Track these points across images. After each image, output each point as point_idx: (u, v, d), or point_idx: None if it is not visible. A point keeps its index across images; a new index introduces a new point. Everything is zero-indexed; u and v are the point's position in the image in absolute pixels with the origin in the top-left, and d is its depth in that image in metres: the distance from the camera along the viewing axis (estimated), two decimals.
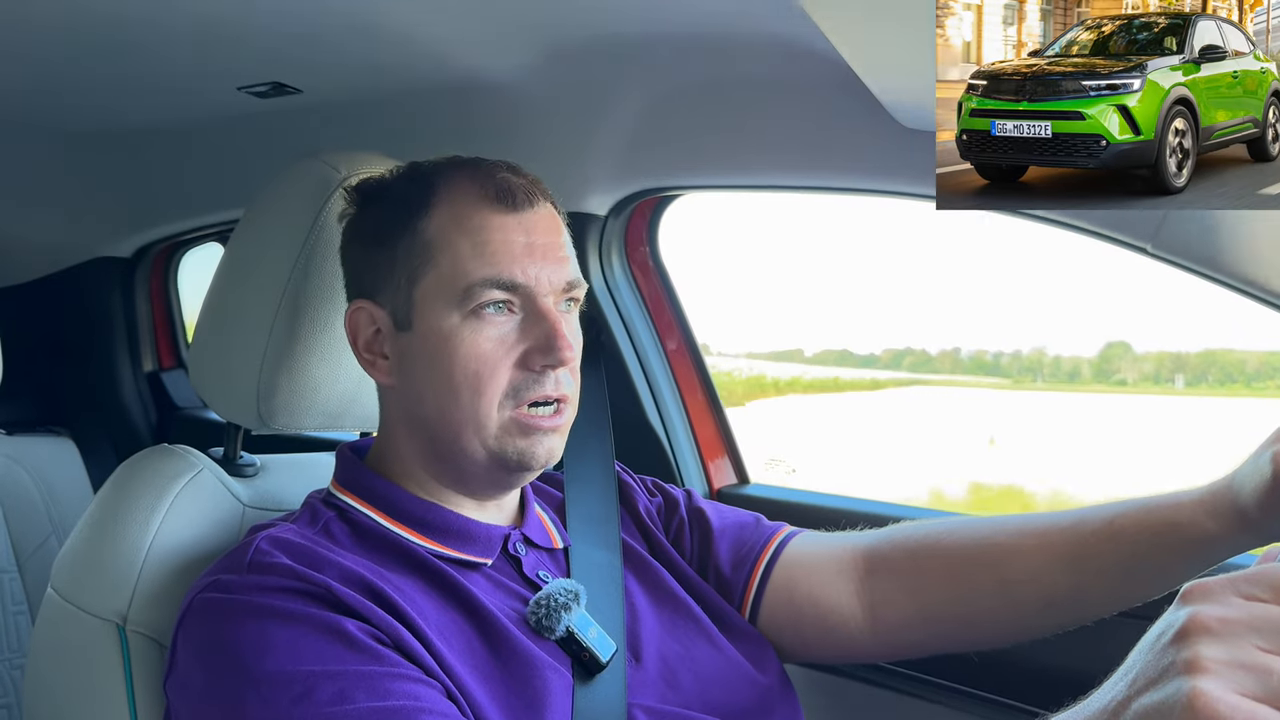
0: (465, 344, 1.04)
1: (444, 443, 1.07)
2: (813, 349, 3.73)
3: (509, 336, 1.05)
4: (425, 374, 1.06)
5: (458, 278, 1.04)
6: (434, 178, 1.08)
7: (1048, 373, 3.28)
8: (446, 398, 1.05)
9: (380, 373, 1.10)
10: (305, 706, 0.88)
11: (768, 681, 1.15)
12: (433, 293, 1.05)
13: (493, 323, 1.04)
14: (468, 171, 1.08)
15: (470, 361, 1.04)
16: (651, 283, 1.79)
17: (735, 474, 1.80)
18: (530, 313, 1.05)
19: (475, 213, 1.06)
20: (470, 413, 1.04)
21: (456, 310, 1.04)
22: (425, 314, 1.05)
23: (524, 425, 1.05)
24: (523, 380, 1.04)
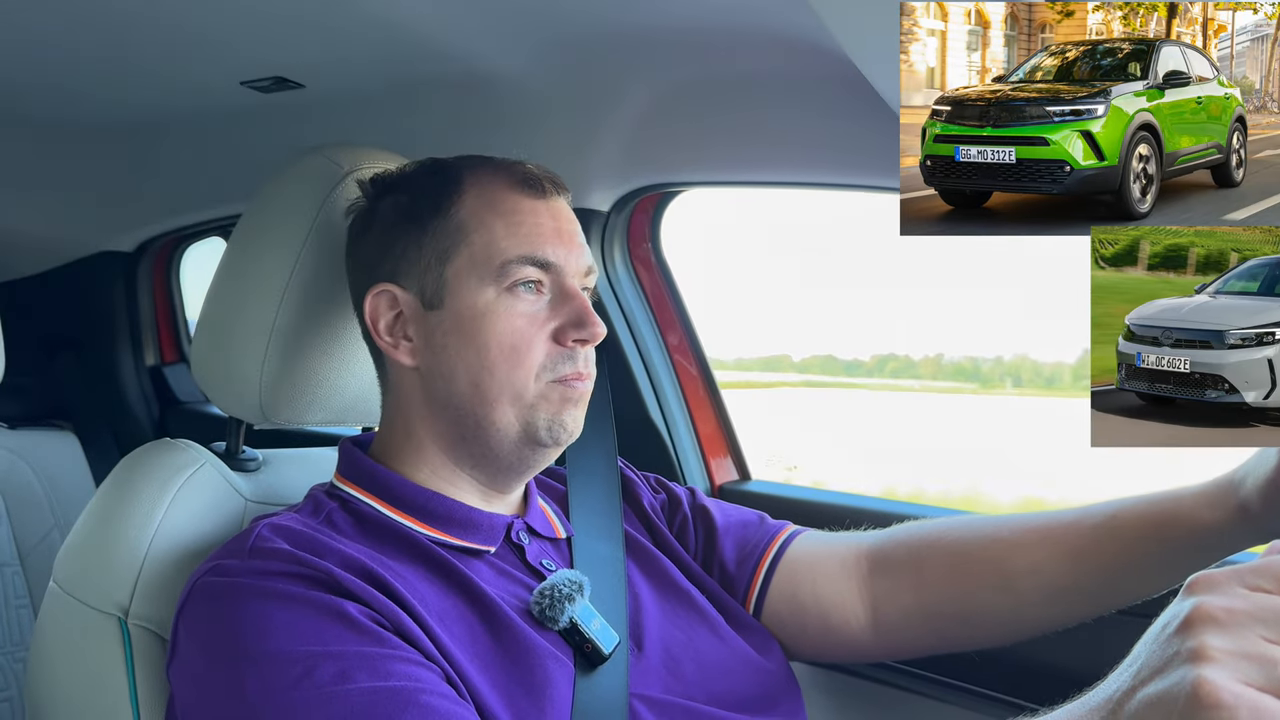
0: (501, 318, 1.07)
1: (473, 420, 1.08)
2: (800, 354, 3.74)
3: (541, 314, 1.08)
4: (458, 350, 1.08)
5: (493, 255, 1.07)
6: (459, 167, 1.12)
7: (1027, 378, 3.29)
8: (482, 372, 1.07)
9: (403, 354, 1.11)
10: (306, 686, 0.89)
11: (771, 672, 1.15)
12: (466, 270, 1.08)
13: (525, 299, 1.08)
14: (491, 162, 1.13)
15: (507, 335, 1.07)
16: (654, 278, 1.79)
17: (737, 470, 1.80)
18: (559, 292, 1.09)
19: (507, 196, 1.10)
20: (507, 384, 1.07)
21: (492, 286, 1.07)
22: (458, 291, 1.08)
23: (563, 394, 1.08)
24: (557, 354, 1.08)
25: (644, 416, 1.74)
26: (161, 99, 1.80)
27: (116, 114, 1.89)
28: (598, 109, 1.58)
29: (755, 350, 3.67)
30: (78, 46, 1.52)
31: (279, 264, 1.17)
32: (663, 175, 1.64)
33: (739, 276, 3.26)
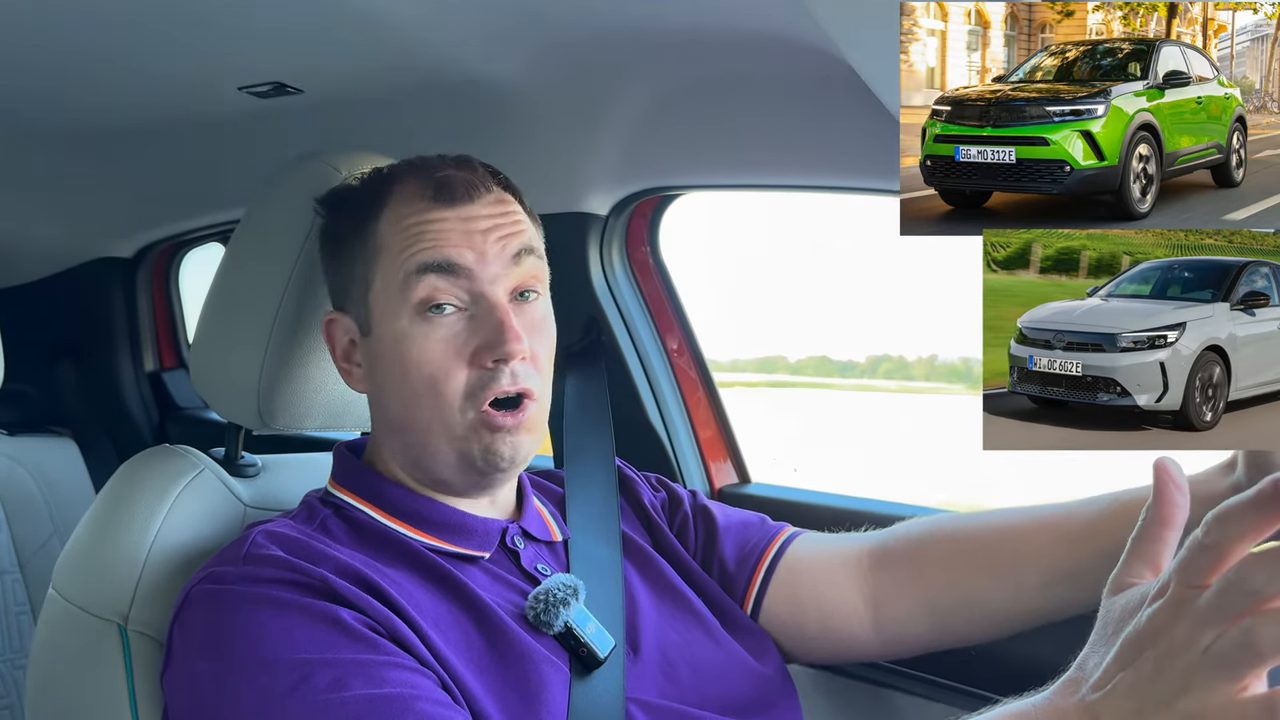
0: (416, 347, 1.03)
1: (416, 446, 1.07)
2: (795, 356, 3.74)
3: (459, 336, 1.03)
4: (388, 380, 1.06)
5: (396, 271, 1.03)
6: (387, 182, 1.08)
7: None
8: (409, 402, 1.05)
9: (356, 381, 1.11)
10: (301, 694, 0.89)
11: (767, 676, 1.15)
12: (382, 296, 1.05)
13: (441, 324, 1.03)
14: (415, 172, 1.08)
15: (424, 365, 1.03)
16: (652, 282, 1.79)
17: (736, 474, 1.80)
18: (478, 308, 1.04)
19: (415, 211, 1.05)
20: (434, 415, 1.04)
21: (404, 310, 1.03)
22: (380, 319, 1.06)
23: (487, 423, 1.03)
24: (478, 379, 1.03)
25: (643, 420, 1.73)
26: (160, 104, 1.80)
27: (115, 119, 1.89)
28: (596, 113, 1.58)
29: (750, 351, 3.67)
30: (76, 52, 1.52)
31: (277, 269, 1.17)
32: (661, 179, 1.64)
33: (735, 277, 3.26)
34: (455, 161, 1.09)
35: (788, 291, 3.35)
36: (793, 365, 3.75)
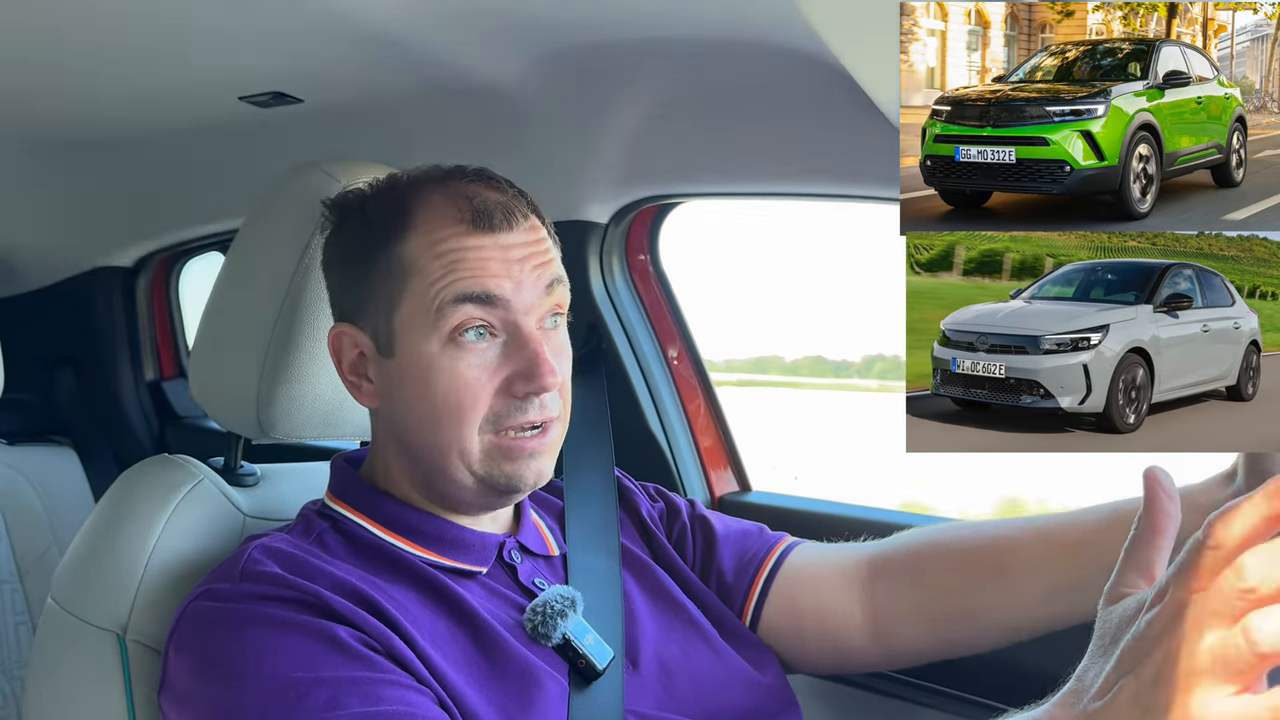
0: (445, 373, 1.02)
1: (431, 468, 1.06)
2: (791, 355, 3.73)
3: (491, 363, 1.02)
4: (410, 401, 1.05)
5: (431, 299, 1.01)
6: (410, 198, 1.06)
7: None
8: (429, 426, 1.03)
9: (366, 396, 1.09)
10: (298, 713, 0.88)
11: (767, 687, 1.14)
12: (410, 319, 1.03)
13: (473, 350, 1.02)
14: (444, 190, 1.05)
15: (452, 392, 1.02)
16: (652, 290, 1.79)
17: (737, 482, 1.79)
18: (512, 337, 1.03)
19: (450, 236, 1.03)
20: (453, 440, 1.03)
21: (435, 336, 1.02)
22: (405, 341, 1.04)
23: (507, 450, 1.03)
24: (504, 407, 1.03)
25: (644, 428, 1.73)
26: (160, 114, 1.80)
27: (115, 129, 1.89)
28: (595, 121, 1.58)
29: (746, 351, 3.67)
30: (77, 61, 1.52)
31: (276, 279, 1.17)
32: (661, 187, 1.64)
33: (730, 275, 3.25)
34: (483, 179, 1.07)
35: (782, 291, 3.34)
36: (788, 365, 3.74)
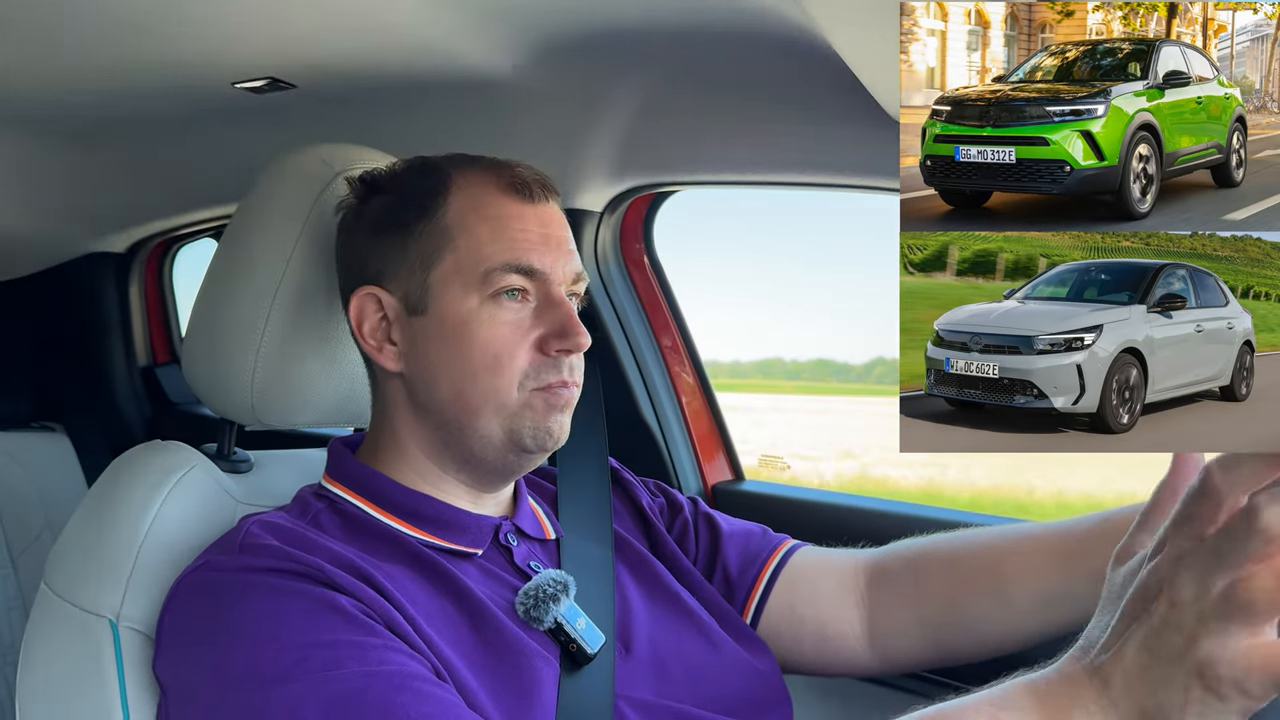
0: (484, 327, 1.05)
1: (457, 426, 1.07)
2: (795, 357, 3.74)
3: (524, 322, 1.06)
4: (441, 357, 1.07)
5: (477, 261, 1.06)
6: (448, 168, 1.10)
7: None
8: (464, 380, 1.06)
9: (387, 359, 1.10)
10: (299, 673, 0.89)
11: (762, 677, 1.15)
12: (450, 277, 1.06)
13: (509, 308, 1.06)
14: (481, 163, 1.11)
15: (490, 344, 1.05)
16: (647, 279, 1.79)
17: (730, 471, 1.80)
18: (544, 300, 1.07)
19: (494, 200, 1.08)
20: (490, 393, 1.05)
21: (475, 294, 1.06)
22: (442, 298, 1.06)
23: (548, 400, 1.06)
24: (541, 364, 1.06)
25: (637, 417, 1.73)
26: (153, 100, 1.80)
27: (108, 115, 1.89)
28: (590, 108, 1.57)
29: (750, 354, 3.67)
30: (69, 46, 1.52)
31: (270, 265, 1.17)
32: (655, 175, 1.64)
33: (734, 278, 3.26)
34: (517, 162, 1.12)
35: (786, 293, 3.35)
36: (790, 367, 3.75)
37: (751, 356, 3.66)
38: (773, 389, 3.60)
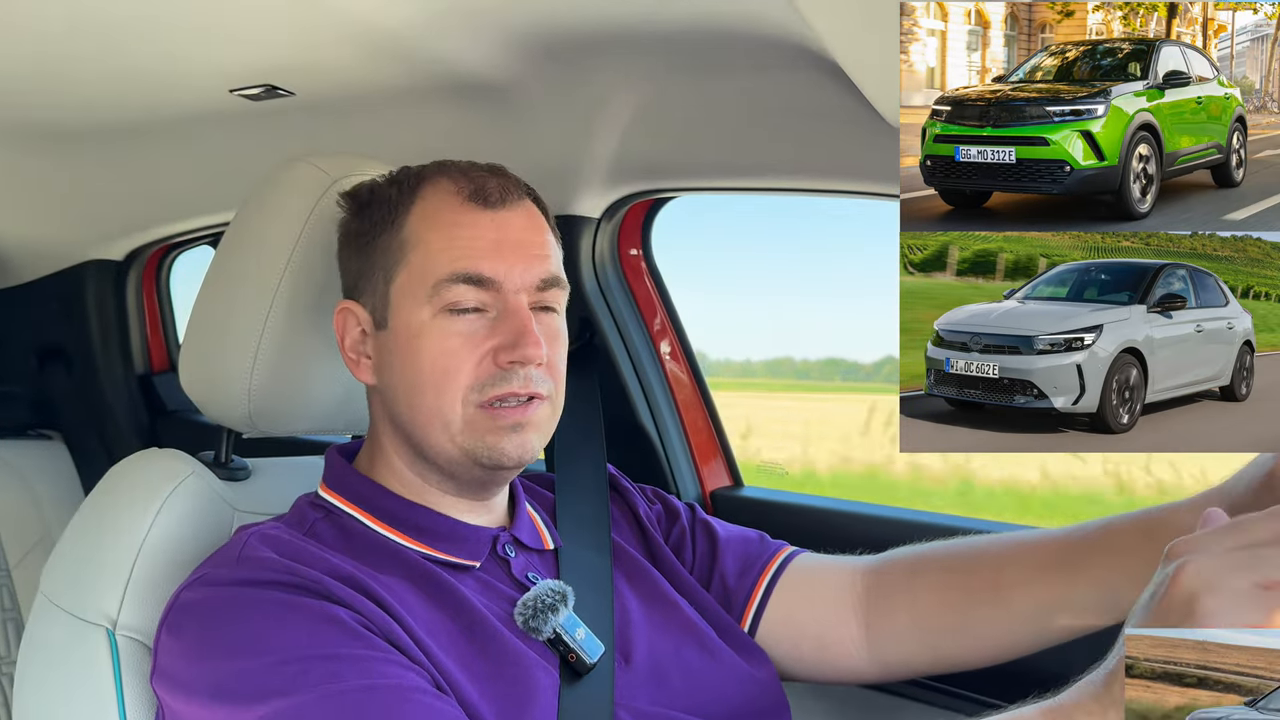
0: (433, 340, 1.04)
1: (418, 441, 1.07)
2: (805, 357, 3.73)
3: (478, 334, 1.04)
4: (399, 371, 1.06)
5: (427, 274, 1.04)
6: (418, 180, 1.09)
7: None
8: (415, 394, 1.05)
9: (364, 372, 1.11)
10: (300, 686, 0.89)
11: (760, 685, 1.15)
12: (405, 290, 1.05)
13: (462, 320, 1.04)
14: (449, 173, 1.09)
15: (438, 358, 1.04)
16: (644, 285, 1.79)
17: (729, 476, 1.79)
18: (501, 311, 1.05)
19: (449, 209, 1.06)
20: (435, 409, 1.04)
21: (427, 306, 1.04)
22: (399, 311, 1.06)
23: (489, 419, 1.04)
24: (489, 377, 1.04)
25: (635, 424, 1.73)
26: (151, 107, 1.80)
27: (105, 121, 1.88)
28: (587, 115, 1.57)
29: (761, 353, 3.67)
30: (67, 53, 1.52)
31: (267, 272, 1.17)
32: (652, 182, 1.64)
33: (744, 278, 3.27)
34: (493, 170, 1.11)
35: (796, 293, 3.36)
36: (799, 367, 3.76)
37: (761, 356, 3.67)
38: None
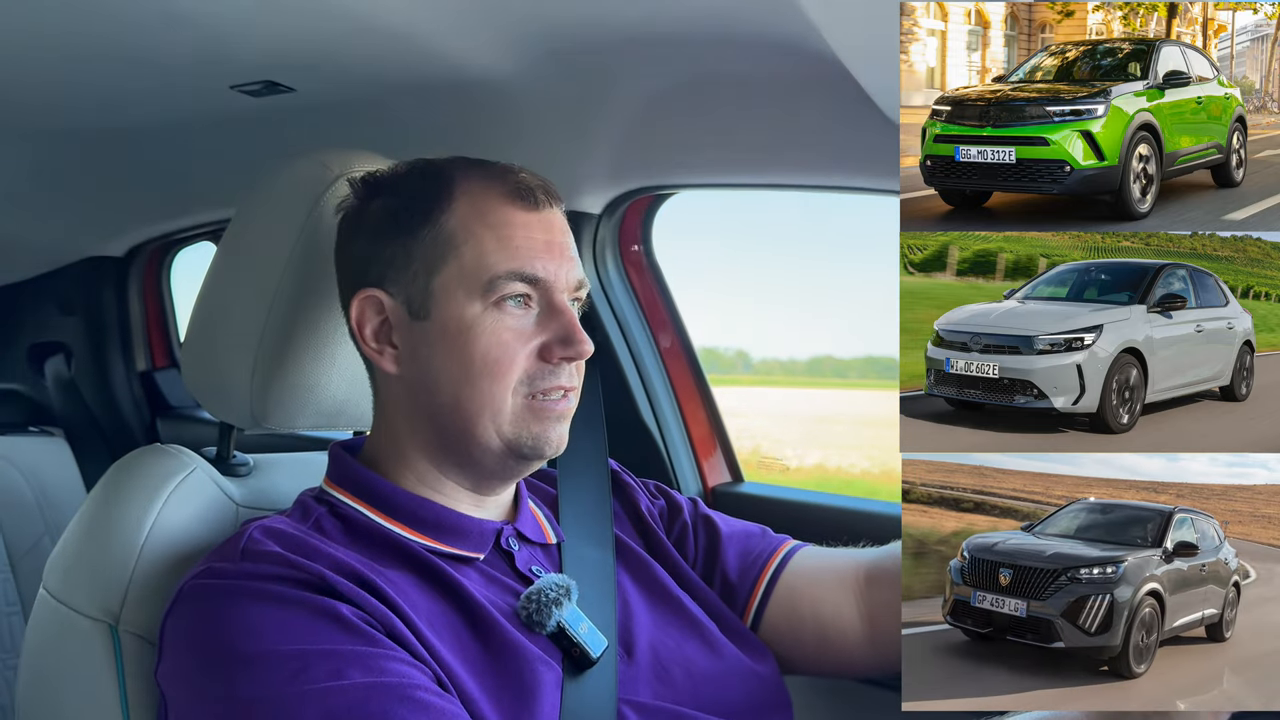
0: (486, 333, 1.05)
1: (455, 432, 1.07)
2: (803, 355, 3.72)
3: (527, 328, 1.07)
4: (442, 362, 1.06)
5: (482, 269, 1.05)
6: (450, 172, 1.10)
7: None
8: (463, 385, 1.06)
9: (387, 362, 1.10)
10: (300, 682, 0.89)
11: (762, 680, 1.15)
12: (453, 283, 1.06)
13: (512, 314, 1.06)
14: (485, 169, 1.10)
15: (491, 349, 1.05)
16: (645, 281, 1.79)
17: (729, 472, 1.79)
18: (547, 307, 1.07)
19: (499, 208, 1.08)
20: (487, 399, 1.05)
21: (479, 300, 1.05)
22: (444, 304, 1.06)
23: (537, 412, 1.06)
24: (539, 370, 1.06)
25: (636, 419, 1.73)
26: (152, 103, 1.80)
27: (107, 118, 1.88)
28: (588, 112, 1.57)
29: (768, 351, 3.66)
30: (68, 51, 1.52)
31: (268, 268, 1.17)
32: (653, 178, 1.64)
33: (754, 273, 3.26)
34: (512, 166, 1.12)
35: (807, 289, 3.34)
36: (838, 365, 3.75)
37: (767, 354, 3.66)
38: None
